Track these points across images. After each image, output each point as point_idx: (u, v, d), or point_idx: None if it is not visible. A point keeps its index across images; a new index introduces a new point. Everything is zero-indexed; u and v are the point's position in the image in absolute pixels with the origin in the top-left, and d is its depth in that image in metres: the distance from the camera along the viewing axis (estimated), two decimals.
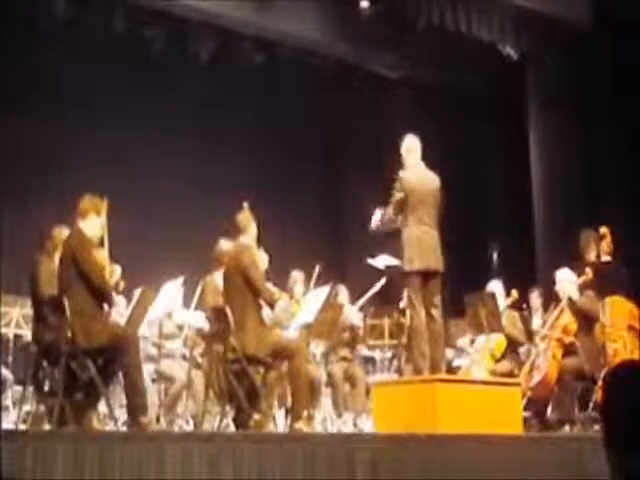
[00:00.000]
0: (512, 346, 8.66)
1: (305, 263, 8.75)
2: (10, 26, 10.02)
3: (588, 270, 7.86)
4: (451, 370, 8.44)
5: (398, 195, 6.71)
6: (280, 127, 12.54)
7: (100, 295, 6.02)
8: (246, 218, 6.82)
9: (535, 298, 9.28)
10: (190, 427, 7.79)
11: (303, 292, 8.43)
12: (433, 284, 6.68)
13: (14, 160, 10.26)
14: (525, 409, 7.60)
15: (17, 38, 10.31)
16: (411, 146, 6.90)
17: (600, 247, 7.90)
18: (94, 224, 6.11)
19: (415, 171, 6.83)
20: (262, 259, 7.11)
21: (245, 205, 6.91)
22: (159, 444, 4.51)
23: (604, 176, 11.86)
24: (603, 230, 7.91)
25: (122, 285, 7.32)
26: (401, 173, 6.80)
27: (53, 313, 6.00)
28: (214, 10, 10.81)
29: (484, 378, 8.08)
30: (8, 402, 7.87)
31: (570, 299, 7.84)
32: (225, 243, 7.39)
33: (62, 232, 6.56)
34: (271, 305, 6.82)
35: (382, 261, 8.98)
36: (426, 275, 6.64)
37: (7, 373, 8.18)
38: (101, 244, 6.21)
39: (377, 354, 9.43)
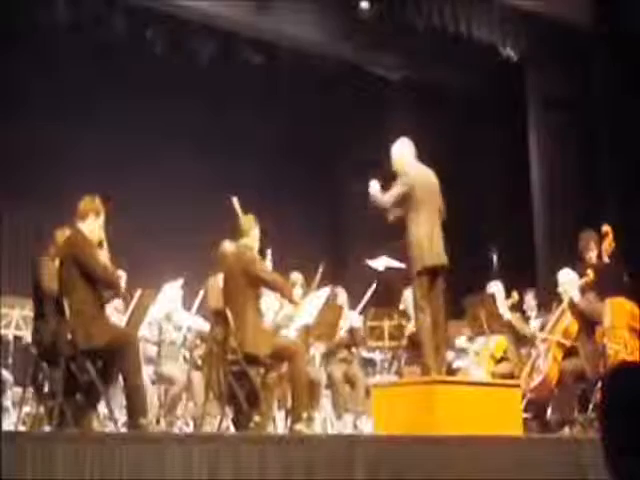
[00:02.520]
0: (517, 340, 8.65)
1: (304, 265, 8.74)
2: (11, 27, 10.01)
3: (589, 271, 7.85)
4: (451, 371, 8.44)
5: (402, 188, 6.63)
6: (280, 127, 12.53)
7: (109, 288, 6.04)
8: (248, 221, 6.82)
9: (531, 299, 9.28)
10: (190, 428, 7.79)
11: (302, 294, 8.42)
12: (439, 283, 6.66)
13: (14, 160, 10.26)
14: (525, 410, 7.60)
15: (18, 39, 10.30)
16: (405, 147, 6.88)
17: (602, 246, 7.89)
18: (93, 225, 6.10)
19: (417, 169, 6.80)
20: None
21: (234, 200, 6.88)
22: (159, 446, 4.51)
23: (604, 176, 11.86)
24: (605, 228, 7.90)
25: (122, 288, 7.32)
26: (406, 169, 6.75)
27: (53, 314, 6.00)
28: (214, 11, 10.81)
29: (484, 379, 8.08)
30: (8, 403, 7.86)
31: (571, 301, 7.84)
32: (228, 245, 7.38)
33: (65, 234, 6.55)
34: (284, 291, 6.84)
35: (382, 263, 8.98)
36: (433, 273, 6.62)
37: (7, 374, 8.18)
38: (100, 246, 6.20)
39: (377, 356, 9.43)
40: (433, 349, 6.58)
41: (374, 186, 6.73)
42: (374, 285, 9.01)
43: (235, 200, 6.89)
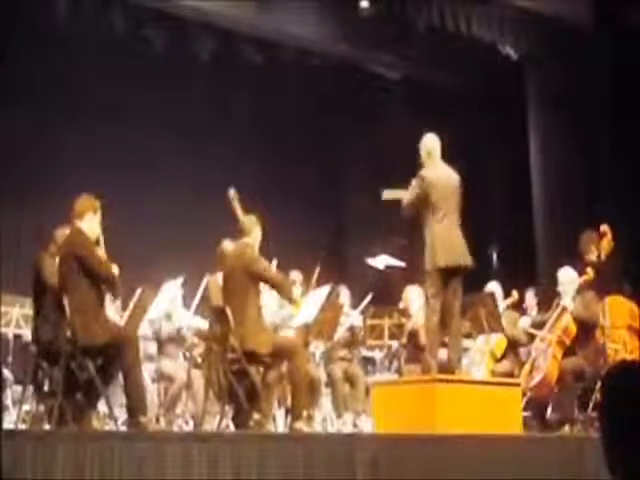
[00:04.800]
0: (513, 346, 8.66)
1: (304, 263, 8.74)
2: (10, 26, 10.01)
3: (589, 270, 7.85)
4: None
5: (416, 192, 6.64)
6: (280, 127, 12.53)
7: (108, 285, 6.04)
8: (251, 221, 6.81)
9: (531, 298, 9.27)
10: (190, 427, 7.79)
11: (302, 293, 8.42)
12: (456, 283, 6.64)
13: (14, 159, 10.26)
14: (525, 409, 7.60)
15: (17, 38, 10.30)
16: (431, 146, 6.86)
17: (601, 246, 7.90)
18: (92, 223, 6.11)
19: (435, 169, 6.78)
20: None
21: (231, 192, 6.88)
22: (159, 444, 4.50)
23: (604, 176, 11.85)
24: (604, 228, 7.90)
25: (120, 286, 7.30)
26: (422, 172, 6.74)
27: (53, 312, 6.01)
28: (214, 10, 10.81)
29: (484, 378, 8.07)
30: (8, 402, 7.86)
31: (565, 308, 7.84)
32: (228, 244, 7.38)
33: (64, 233, 6.55)
34: (285, 290, 6.84)
35: (382, 261, 8.98)
36: (450, 273, 6.60)
37: (7, 373, 8.18)
38: (97, 243, 6.21)
39: (377, 354, 9.43)
40: (436, 348, 6.58)
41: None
42: (374, 287, 9.00)
43: (232, 193, 6.87)
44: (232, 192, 6.89)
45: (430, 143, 6.87)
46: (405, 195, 6.75)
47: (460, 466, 5.36)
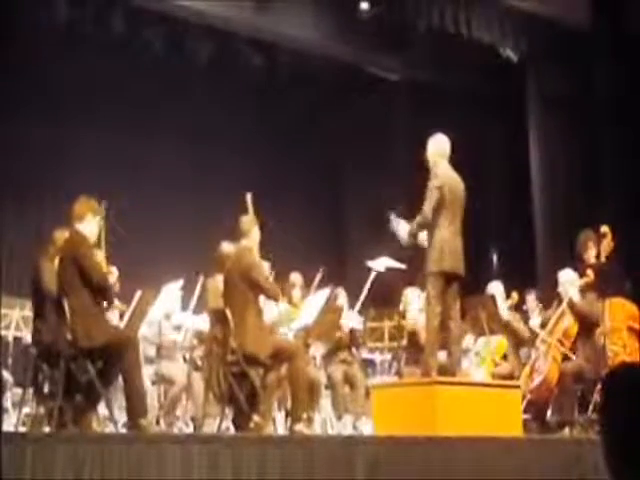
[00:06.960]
0: (515, 343, 8.65)
1: (304, 265, 8.74)
2: (10, 26, 10.01)
3: (589, 272, 7.84)
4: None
5: (436, 193, 6.53)
6: (279, 129, 12.53)
7: (101, 293, 6.03)
8: (249, 222, 6.81)
9: (532, 300, 9.27)
10: (190, 429, 7.79)
11: (302, 295, 8.41)
12: (455, 287, 6.64)
13: (14, 161, 10.26)
14: (525, 411, 7.60)
15: (17, 38, 10.30)
16: (443, 147, 6.79)
17: (601, 247, 7.89)
18: (91, 225, 6.11)
19: (447, 172, 6.74)
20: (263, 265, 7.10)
21: (248, 197, 6.90)
22: (159, 446, 4.50)
23: (604, 176, 11.85)
24: (604, 229, 7.89)
25: (117, 287, 7.31)
26: (437, 170, 6.65)
27: (53, 315, 6.01)
28: (213, 11, 10.82)
29: (484, 380, 8.07)
30: (8, 404, 7.86)
31: (571, 301, 7.83)
32: (227, 246, 7.38)
33: (64, 235, 6.55)
34: (277, 300, 6.85)
35: (382, 263, 8.98)
36: (450, 277, 6.60)
37: (7, 375, 8.18)
38: (97, 245, 6.21)
39: (377, 356, 9.43)
40: (436, 350, 6.58)
41: (402, 227, 6.71)
42: (371, 280, 8.96)
43: (249, 197, 6.89)
44: (249, 197, 6.91)
45: (443, 144, 6.80)
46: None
47: (460, 468, 5.35)
